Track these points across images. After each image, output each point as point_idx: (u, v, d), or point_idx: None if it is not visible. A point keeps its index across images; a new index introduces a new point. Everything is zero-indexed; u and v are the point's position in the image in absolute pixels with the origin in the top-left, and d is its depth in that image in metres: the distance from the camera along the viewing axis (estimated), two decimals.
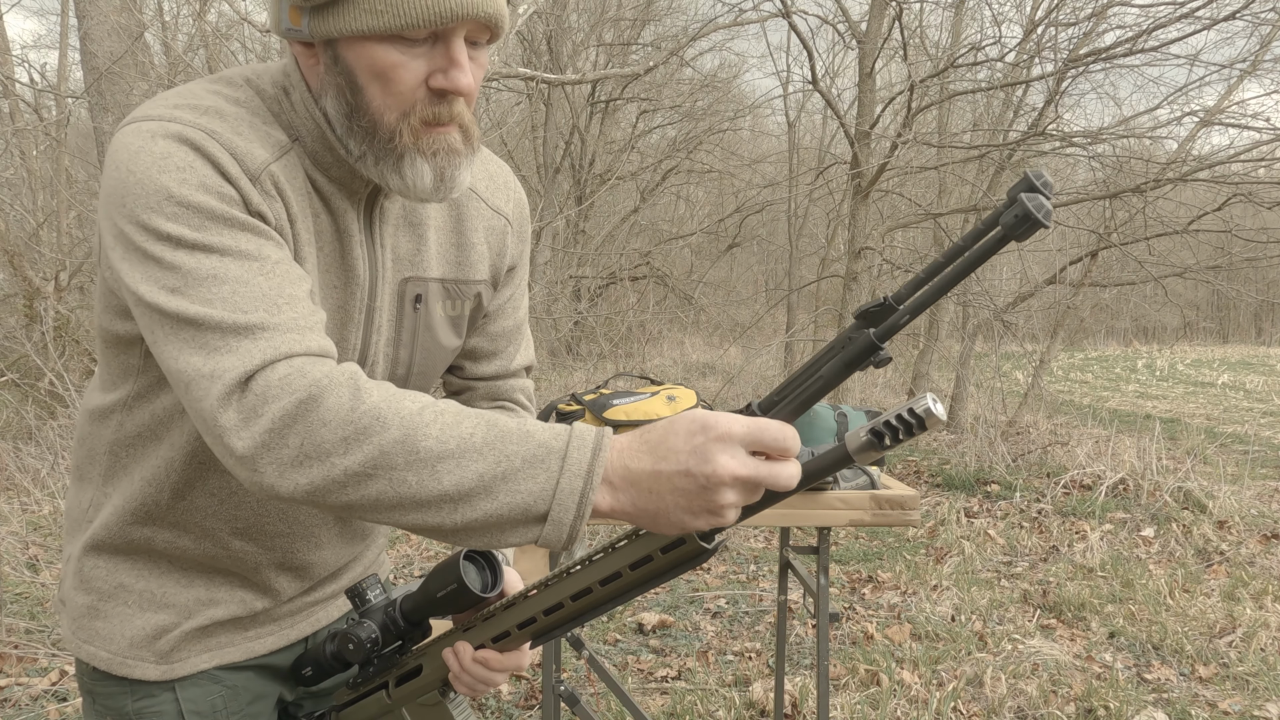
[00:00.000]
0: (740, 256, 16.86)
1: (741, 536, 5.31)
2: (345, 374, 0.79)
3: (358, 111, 0.90)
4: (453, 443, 0.75)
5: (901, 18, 8.02)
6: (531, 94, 12.11)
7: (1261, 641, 3.67)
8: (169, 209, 0.82)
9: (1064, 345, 9.44)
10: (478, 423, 0.77)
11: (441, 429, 0.76)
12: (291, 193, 0.92)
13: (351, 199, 0.98)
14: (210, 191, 0.84)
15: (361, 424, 0.75)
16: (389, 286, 1.02)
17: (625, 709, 2.70)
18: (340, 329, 0.99)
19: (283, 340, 0.81)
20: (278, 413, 0.77)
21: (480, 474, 0.75)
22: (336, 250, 0.98)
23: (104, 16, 4.74)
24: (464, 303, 1.09)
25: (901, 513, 2.07)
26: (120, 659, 1.04)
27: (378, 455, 0.75)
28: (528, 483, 0.75)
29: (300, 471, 0.77)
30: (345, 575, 1.20)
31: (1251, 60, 8.11)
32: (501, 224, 1.12)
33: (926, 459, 7.53)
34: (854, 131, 8.19)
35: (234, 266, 0.82)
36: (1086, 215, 9.58)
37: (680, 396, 2.35)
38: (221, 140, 0.86)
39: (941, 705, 3.08)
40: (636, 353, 12.47)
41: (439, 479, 0.75)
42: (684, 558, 0.82)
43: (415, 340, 1.05)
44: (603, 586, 0.86)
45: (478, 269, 1.09)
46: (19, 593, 3.84)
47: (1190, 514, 5.51)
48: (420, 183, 0.91)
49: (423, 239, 1.04)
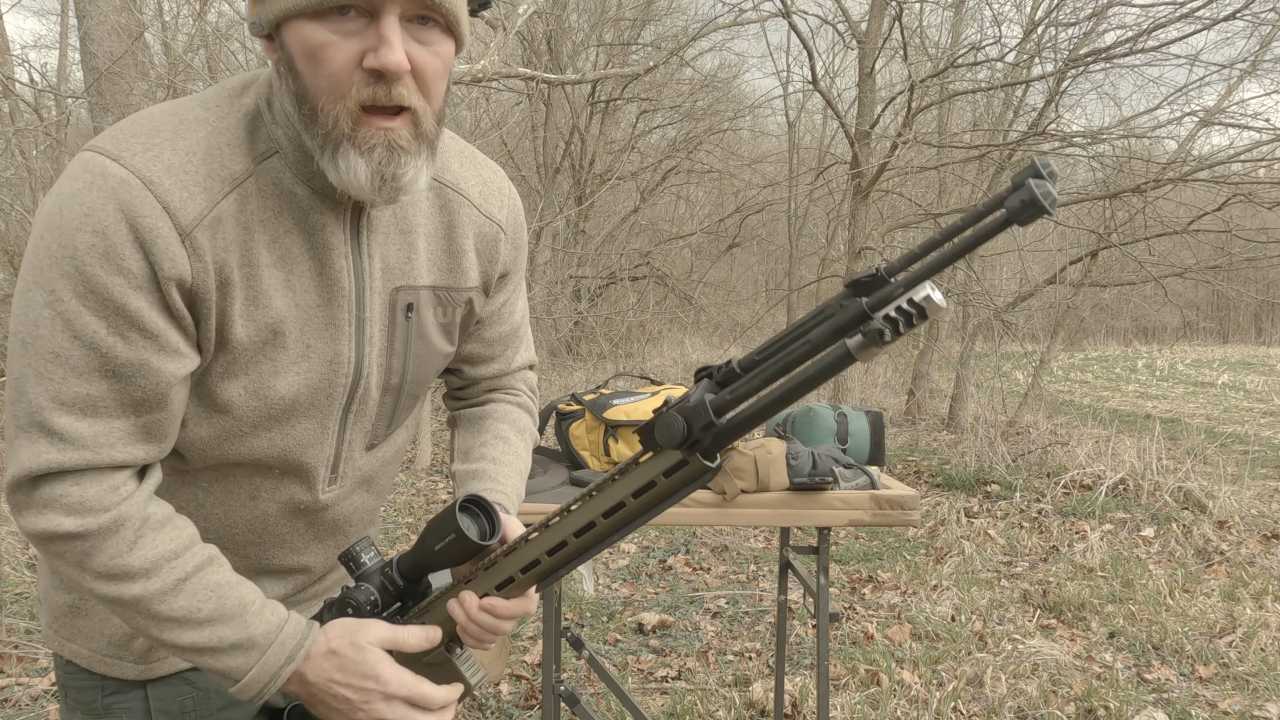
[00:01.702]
0: (740, 256, 16.87)
1: (741, 536, 5.31)
2: (115, 521, 0.90)
3: (301, 99, 0.88)
4: (180, 613, 0.91)
5: (901, 18, 8.02)
6: (531, 94, 12.10)
7: (1261, 641, 3.67)
8: (67, 268, 0.85)
9: (1064, 345, 9.42)
10: (210, 598, 0.92)
11: (175, 599, 0.91)
12: (236, 229, 0.90)
13: (335, 210, 0.96)
14: (111, 264, 0.84)
15: (114, 572, 0.90)
16: (379, 297, 1.00)
17: (625, 709, 2.70)
18: (331, 344, 0.98)
19: (76, 455, 0.88)
20: (51, 530, 0.89)
21: (195, 641, 0.92)
22: (313, 267, 0.96)
23: (104, 16, 4.74)
24: (455, 310, 1.08)
25: (901, 513, 2.07)
26: (100, 657, 1.05)
27: (121, 598, 0.91)
28: (229, 660, 0.93)
29: (65, 567, 0.91)
30: (331, 578, 1.19)
31: (1251, 60, 8.11)
32: (494, 230, 1.10)
33: (926, 459, 7.53)
34: (854, 131, 8.19)
35: (81, 357, 0.86)
36: (1086, 215, 9.58)
37: (680, 396, 2.34)
38: (157, 191, 0.86)
39: (941, 705, 3.08)
40: (636, 353, 12.48)
41: (163, 632, 0.92)
42: (688, 479, 0.84)
43: (408, 349, 1.04)
44: (606, 519, 0.87)
45: (468, 276, 1.08)
46: (19, 593, 3.84)
47: (1190, 514, 5.51)
48: (354, 179, 0.88)
49: (413, 247, 1.02)
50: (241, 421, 0.97)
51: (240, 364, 0.94)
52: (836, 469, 2.08)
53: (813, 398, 10.66)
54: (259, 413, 0.97)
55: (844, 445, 2.34)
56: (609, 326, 12.48)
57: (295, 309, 0.95)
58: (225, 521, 1.04)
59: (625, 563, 4.76)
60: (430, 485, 6.38)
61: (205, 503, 1.03)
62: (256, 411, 0.97)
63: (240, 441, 0.98)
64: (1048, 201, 0.66)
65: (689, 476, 0.84)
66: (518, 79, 7.67)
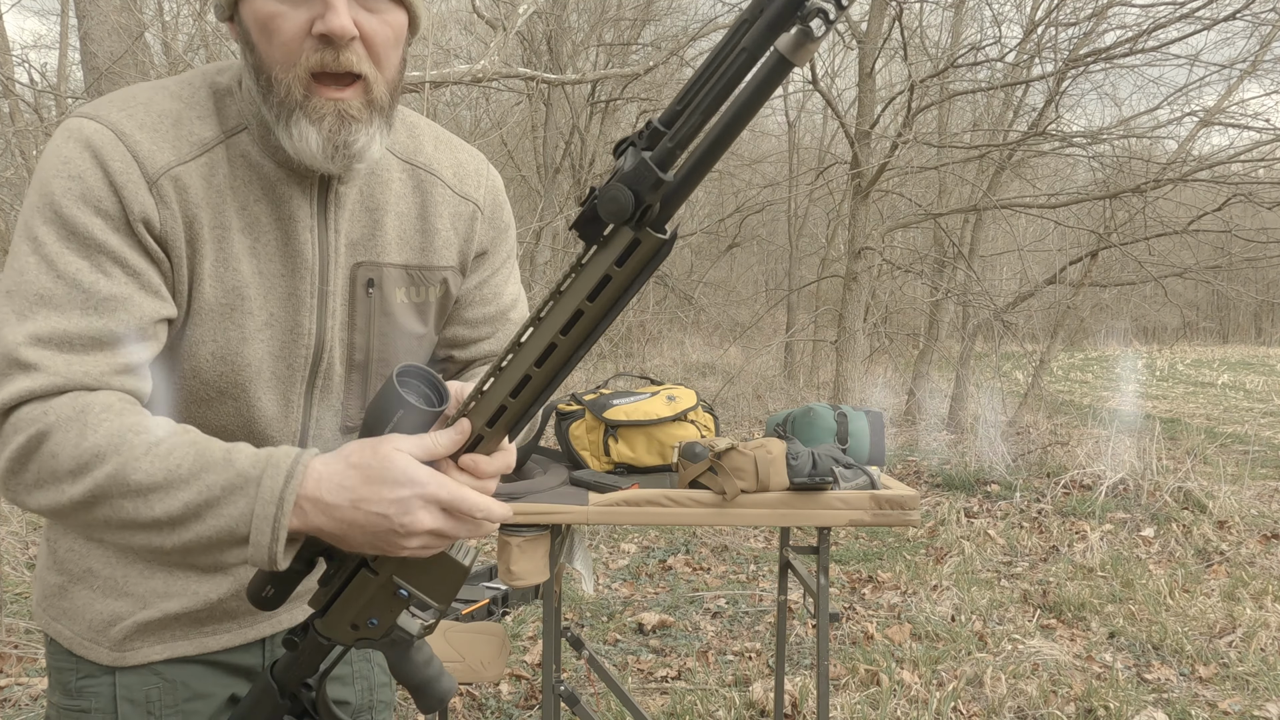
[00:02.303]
0: (740, 256, 16.86)
1: (741, 536, 5.31)
2: (77, 410, 0.85)
3: (258, 71, 0.92)
4: (160, 475, 0.84)
5: (901, 18, 8.02)
6: (531, 94, 12.10)
7: (1261, 641, 3.67)
8: (48, 214, 0.89)
9: (1064, 345, 9.43)
10: (187, 453, 0.84)
11: (152, 462, 0.84)
12: (206, 191, 0.94)
13: (302, 184, 0.99)
14: (89, 205, 0.89)
15: (83, 459, 0.84)
16: (342, 271, 1.02)
17: (625, 709, 2.70)
18: (293, 315, 1.00)
19: (47, 380, 0.86)
20: (16, 446, 0.85)
21: (186, 503, 0.83)
22: (279, 237, 0.99)
23: (104, 16, 4.74)
24: (428, 289, 1.09)
25: (901, 513, 2.07)
26: (79, 639, 1.06)
27: (96, 487, 0.84)
28: (229, 509, 0.83)
29: (39, 495, 0.86)
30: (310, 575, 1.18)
31: (1251, 60, 8.12)
32: (470, 210, 1.12)
33: (926, 459, 7.54)
34: (854, 131, 8.19)
35: (65, 295, 0.88)
36: (1086, 215, 9.59)
37: (680, 396, 2.35)
38: (128, 141, 0.91)
39: (941, 705, 3.08)
40: (636, 353, 12.47)
41: (151, 507, 0.84)
42: (644, 260, 0.77)
43: (371, 326, 1.05)
44: (565, 335, 0.80)
45: (443, 255, 1.09)
46: (19, 593, 3.84)
47: (1190, 514, 5.51)
48: (305, 146, 0.92)
49: (379, 224, 1.04)
50: (208, 386, 0.99)
51: (208, 326, 0.96)
52: (836, 469, 2.08)
53: (812, 398, 10.66)
54: (225, 378, 0.98)
55: (844, 445, 2.34)
56: (609, 326, 12.47)
57: (259, 276, 0.98)
58: None
59: (625, 563, 4.76)
60: None
61: None
62: (223, 377, 0.98)
63: (208, 408, 1.00)
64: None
65: (645, 257, 0.76)
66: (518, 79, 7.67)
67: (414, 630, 0.96)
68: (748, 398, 9.95)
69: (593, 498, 2.04)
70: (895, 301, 12.40)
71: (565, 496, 2.04)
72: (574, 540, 2.29)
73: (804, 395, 10.69)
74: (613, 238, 0.76)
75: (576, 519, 2.00)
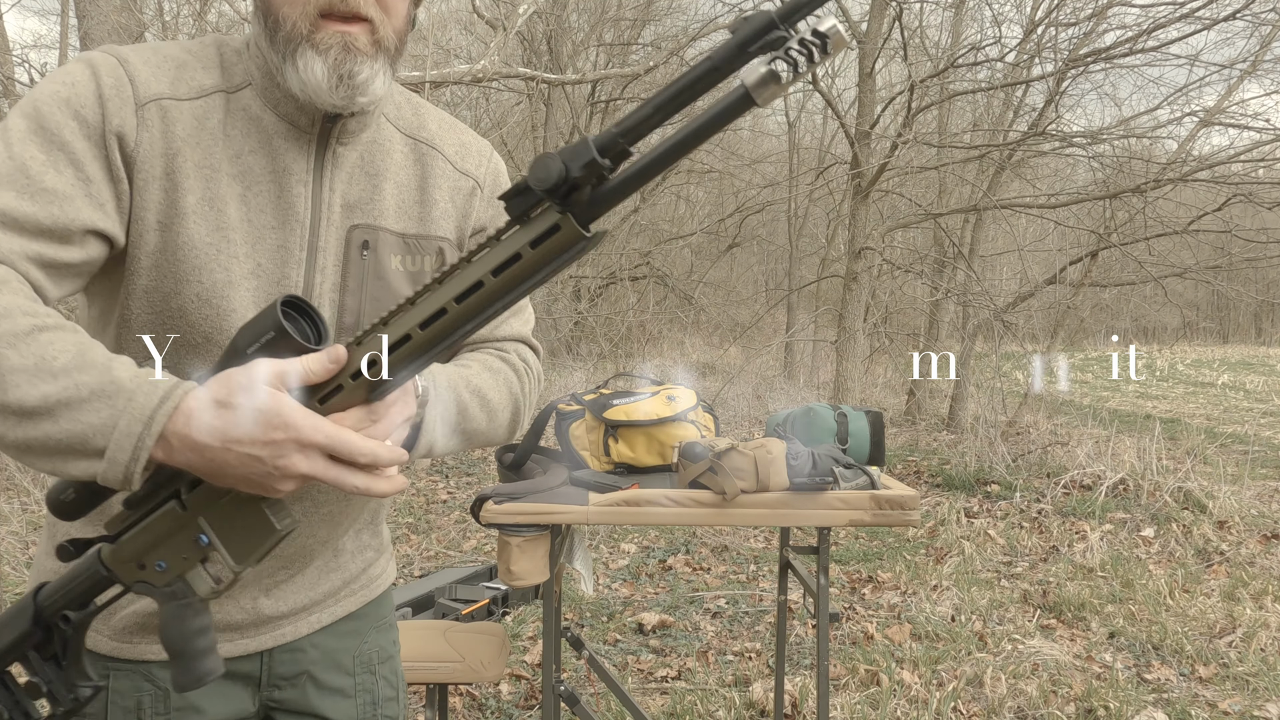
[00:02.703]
0: (740, 256, 16.86)
1: (741, 536, 5.31)
2: None
3: (265, 13, 0.95)
4: (32, 360, 0.78)
5: (901, 18, 8.02)
6: (531, 94, 12.11)
7: (1261, 641, 3.67)
8: (29, 109, 0.91)
9: (1063, 345, 9.43)
10: (68, 348, 0.79)
11: (29, 345, 0.78)
12: (196, 131, 0.96)
13: (300, 140, 1.00)
14: (70, 108, 0.91)
15: None
16: (335, 230, 1.02)
17: (625, 709, 2.70)
18: (280, 267, 1.00)
19: None
20: None
21: (46, 395, 0.77)
22: (272, 189, 0.99)
23: (104, 16, 4.74)
24: (424, 258, 1.09)
25: (901, 513, 2.07)
26: None
27: None
28: (89, 415, 0.77)
29: None
30: (312, 565, 1.13)
31: (1251, 60, 8.12)
32: (470, 185, 1.13)
33: (926, 459, 7.53)
34: (854, 131, 8.19)
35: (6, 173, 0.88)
36: (1086, 215, 9.59)
37: (680, 396, 2.35)
38: (128, 67, 0.95)
39: (941, 705, 3.08)
40: (636, 353, 12.47)
41: (6, 390, 0.77)
42: (558, 249, 0.73)
43: (364, 289, 1.04)
44: (459, 303, 0.77)
45: (440, 225, 1.10)
46: (19, 593, 3.84)
47: (1190, 514, 5.51)
48: (311, 77, 0.93)
49: (378, 189, 1.05)
50: (195, 329, 0.97)
51: (192, 264, 0.96)
52: (836, 469, 2.08)
53: (812, 398, 10.66)
54: (210, 323, 0.97)
55: (844, 445, 2.34)
56: (609, 326, 12.48)
57: (248, 225, 0.98)
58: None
59: (625, 563, 4.76)
60: (430, 485, 6.39)
61: None
62: (208, 321, 0.97)
63: (195, 354, 0.98)
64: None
65: (560, 246, 0.73)
66: (518, 79, 7.67)
67: (201, 590, 0.87)
68: (748, 398, 9.95)
69: (593, 498, 2.04)
70: (895, 301, 12.40)
71: (565, 496, 2.04)
72: (574, 540, 2.29)
73: (804, 395, 10.69)
74: (536, 219, 0.74)
75: (576, 519, 2.00)
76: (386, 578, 1.26)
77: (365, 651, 1.21)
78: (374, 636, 1.22)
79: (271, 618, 1.11)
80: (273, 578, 1.10)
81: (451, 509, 5.77)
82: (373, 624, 1.22)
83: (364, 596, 1.21)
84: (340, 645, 1.18)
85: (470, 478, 6.68)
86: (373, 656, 1.22)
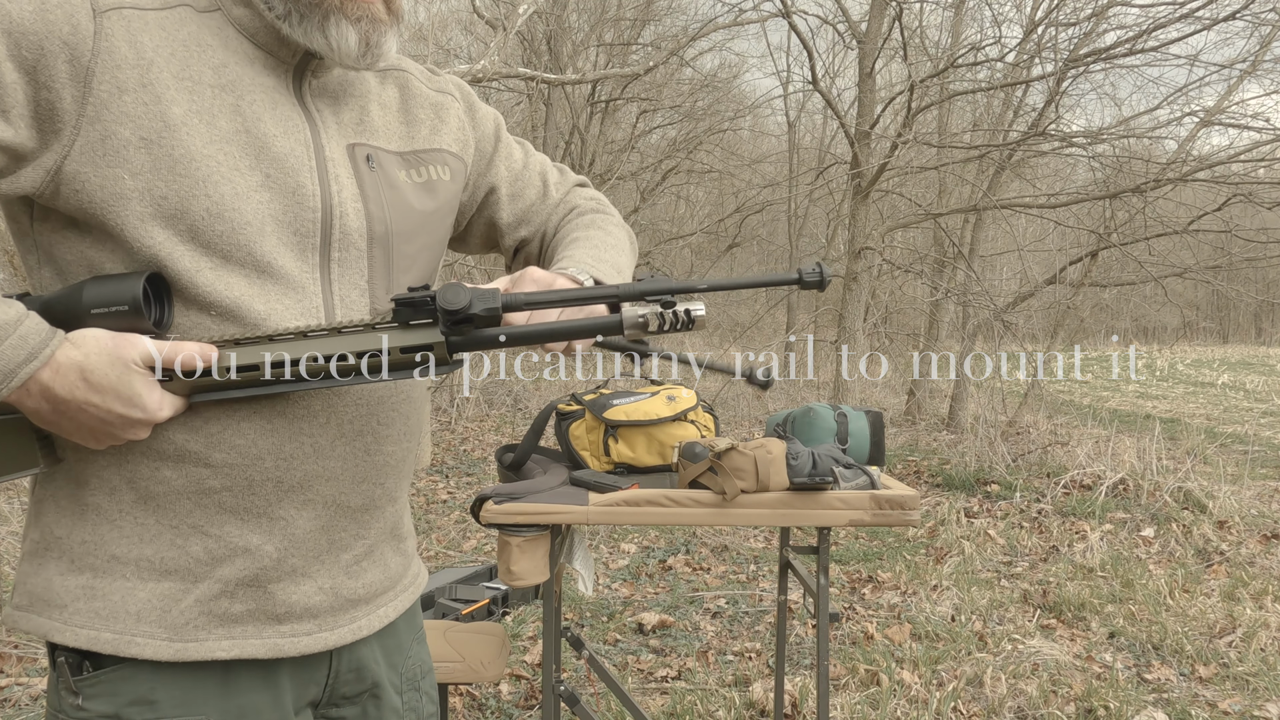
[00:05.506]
0: (740, 256, 16.87)
1: (741, 536, 5.31)
2: None
3: None
4: None
5: (901, 18, 8.03)
6: (531, 94, 12.11)
7: (1261, 641, 3.67)
8: None
9: (1063, 345, 9.44)
10: None
11: None
12: (167, 41, 0.93)
13: (278, 69, 0.99)
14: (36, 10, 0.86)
15: None
16: (336, 145, 1.01)
17: (625, 709, 2.70)
18: (292, 175, 0.96)
19: None
20: None
21: None
22: (264, 101, 0.97)
23: None
24: (429, 168, 1.10)
25: (901, 513, 2.07)
26: (127, 638, 0.94)
27: None
28: None
29: None
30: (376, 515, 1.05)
31: (1251, 60, 8.12)
32: (445, 99, 1.16)
33: (926, 459, 7.54)
34: (854, 131, 8.19)
35: None
36: (1086, 215, 9.59)
37: (680, 396, 2.35)
38: None
39: (941, 705, 3.08)
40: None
41: None
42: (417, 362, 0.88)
43: (383, 197, 1.03)
44: (307, 367, 0.87)
45: (434, 139, 1.12)
46: None
47: (1190, 514, 5.51)
48: (345, 45, 0.96)
49: (366, 110, 1.06)
50: (211, 249, 0.91)
51: (197, 178, 0.90)
52: (836, 469, 2.08)
53: (812, 398, 10.66)
54: (225, 239, 0.91)
55: (844, 445, 2.34)
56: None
57: (247, 134, 0.94)
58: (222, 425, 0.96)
59: (625, 563, 4.76)
60: (430, 485, 6.38)
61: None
62: (223, 237, 0.91)
63: (217, 278, 0.92)
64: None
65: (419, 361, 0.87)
66: (518, 79, 7.67)
67: None
68: (748, 398, 9.95)
69: (593, 498, 2.04)
70: (895, 301, 12.40)
71: (565, 496, 2.04)
72: (574, 540, 2.29)
73: (804, 395, 10.69)
74: (416, 329, 0.87)
75: (576, 519, 2.00)
76: (421, 580, 1.19)
77: (409, 667, 1.14)
78: (416, 649, 1.16)
79: (351, 601, 1.03)
80: (350, 551, 1.03)
81: (451, 509, 5.78)
82: (413, 635, 1.16)
83: (407, 599, 1.13)
84: (389, 661, 1.11)
85: (470, 478, 6.68)
86: (415, 671, 1.15)
